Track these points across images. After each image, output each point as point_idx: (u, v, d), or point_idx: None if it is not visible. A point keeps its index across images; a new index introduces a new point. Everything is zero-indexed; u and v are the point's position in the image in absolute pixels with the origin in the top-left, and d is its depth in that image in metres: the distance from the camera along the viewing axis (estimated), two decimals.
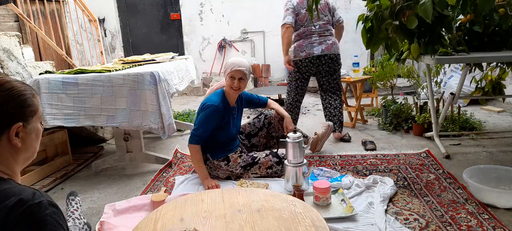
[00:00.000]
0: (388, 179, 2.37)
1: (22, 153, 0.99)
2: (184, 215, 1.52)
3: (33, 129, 1.00)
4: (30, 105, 0.98)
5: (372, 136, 3.47)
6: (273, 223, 1.44)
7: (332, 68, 3.34)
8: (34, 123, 1.00)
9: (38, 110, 1.01)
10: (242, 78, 2.47)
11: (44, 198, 0.88)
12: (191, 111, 4.65)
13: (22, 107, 0.96)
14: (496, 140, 3.17)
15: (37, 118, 1.01)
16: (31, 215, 0.84)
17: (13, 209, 0.83)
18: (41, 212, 0.86)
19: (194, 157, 2.49)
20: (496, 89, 3.21)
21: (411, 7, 2.30)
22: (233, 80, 2.47)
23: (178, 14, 6.54)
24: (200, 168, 2.48)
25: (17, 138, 0.95)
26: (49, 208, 0.87)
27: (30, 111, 0.98)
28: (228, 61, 2.52)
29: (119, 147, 2.89)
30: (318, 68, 3.31)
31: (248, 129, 2.81)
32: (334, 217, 1.95)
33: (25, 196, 0.86)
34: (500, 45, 2.83)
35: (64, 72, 2.73)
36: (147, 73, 2.49)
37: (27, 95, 0.97)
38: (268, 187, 2.38)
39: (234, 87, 2.49)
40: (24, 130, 0.96)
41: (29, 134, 0.99)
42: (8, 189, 0.89)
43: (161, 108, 2.50)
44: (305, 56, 3.24)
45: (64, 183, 2.76)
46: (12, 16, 3.87)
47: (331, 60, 3.28)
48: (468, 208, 2.03)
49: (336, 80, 3.41)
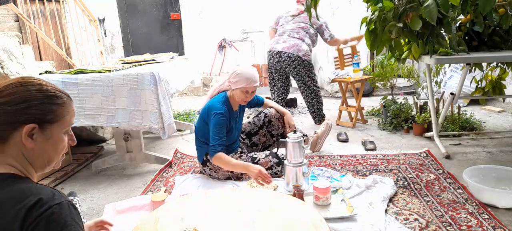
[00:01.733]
0: (388, 179, 2.37)
1: (37, 158, 0.96)
2: (184, 215, 1.52)
3: (52, 135, 0.96)
4: (53, 111, 0.95)
5: (372, 136, 3.47)
6: (273, 223, 1.44)
7: (296, 70, 3.74)
8: (55, 130, 0.96)
9: (63, 119, 0.98)
10: (253, 91, 2.48)
11: (64, 198, 0.88)
12: (191, 111, 4.65)
13: (44, 110, 0.94)
14: (496, 140, 3.17)
15: (60, 126, 0.98)
16: (52, 216, 0.83)
17: (32, 209, 0.82)
18: (62, 213, 0.85)
19: (226, 163, 2.34)
20: (496, 89, 3.21)
21: (414, 9, 2.30)
22: (245, 94, 2.45)
23: (178, 14, 6.54)
24: (238, 165, 2.36)
25: (29, 139, 0.93)
26: (69, 208, 0.87)
27: (53, 117, 0.95)
28: (242, 73, 2.42)
29: (119, 147, 2.89)
30: (280, 65, 3.78)
31: (248, 128, 2.81)
32: (335, 217, 1.95)
33: (45, 195, 0.85)
34: (500, 45, 2.84)
35: (64, 73, 2.73)
36: (147, 73, 2.49)
37: (53, 101, 0.96)
38: (277, 188, 2.37)
39: (245, 101, 2.50)
40: (40, 133, 0.94)
41: (46, 139, 0.95)
42: (26, 187, 0.88)
43: (161, 108, 2.50)
44: (269, 50, 3.85)
45: (64, 183, 2.76)
46: (12, 16, 3.87)
47: (290, 59, 3.69)
48: (468, 208, 2.03)
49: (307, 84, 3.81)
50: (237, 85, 2.44)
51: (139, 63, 3.16)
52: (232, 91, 2.49)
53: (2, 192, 0.86)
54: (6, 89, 0.92)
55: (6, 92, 0.92)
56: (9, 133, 0.92)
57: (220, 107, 2.40)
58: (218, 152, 2.33)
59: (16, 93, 0.92)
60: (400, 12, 2.36)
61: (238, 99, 2.49)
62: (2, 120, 0.91)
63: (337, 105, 4.28)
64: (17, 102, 0.91)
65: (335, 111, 4.21)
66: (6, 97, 0.91)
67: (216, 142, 2.34)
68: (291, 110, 4.71)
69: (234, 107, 2.55)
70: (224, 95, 2.52)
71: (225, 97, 2.51)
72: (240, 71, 2.43)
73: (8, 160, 0.93)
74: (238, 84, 2.43)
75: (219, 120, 2.37)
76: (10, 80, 0.95)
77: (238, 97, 2.48)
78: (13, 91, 0.92)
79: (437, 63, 2.74)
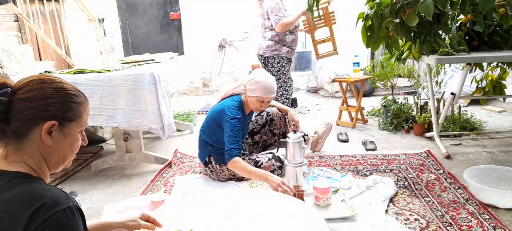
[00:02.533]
0: (388, 179, 2.37)
1: (53, 155, 0.97)
2: (184, 215, 1.51)
3: (70, 133, 0.98)
4: (73, 110, 0.97)
5: (372, 136, 3.47)
6: (273, 223, 1.43)
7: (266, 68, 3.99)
8: (73, 128, 0.98)
9: (81, 118, 1.00)
10: (269, 102, 2.47)
11: (72, 202, 0.87)
12: (190, 111, 4.64)
13: (64, 108, 0.95)
14: (497, 140, 3.17)
15: (78, 125, 1.00)
16: (59, 221, 0.83)
17: (38, 213, 0.82)
18: (69, 218, 0.85)
19: (243, 169, 2.24)
20: (497, 89, 3.21)
21: (411, 5, 2.30)
22: (261, 104, 2.42)
23: (178, 13, 6.53)
24: (255, 173, 2.22)
25: (48, 136, 0.94)
26: (76, 213, 0.87)
27: (71, 116, 0.97)
28: (261, 82, 2.37)
29: (118, 147, 2.88)
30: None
31: (250, 126, 2.80)
32: (335, 217, 1.94)
33: (54, 198, 0.85)
34: (500, 45, 2.83)
35: (64, 72, 2.72)
36: (146, 73, 2.49)
37: (73, 99, 0.97)
38: None
39: (259, 110, 2.50)
40: (59, 130, 0.95)
41: (64, 137, 0.97)
42: (36, 188, 0.88)
43: (160, 108, 2.50)
44: None
45: (63, 183, 2.76)
46: (11, 16, 3.86)
47: (261, 58, 4.04)
48: (469, 208, 2.02)
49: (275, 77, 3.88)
50: (254, 93, 2.40)
51: (139, 63, 3.15)
52: (247, 97, 2.45)
53: (11, 191, 0.86)
54: (28, 85, 0.93)
55: (27, 88, 0.92)
56: (28, 129, 0.92)
57: (236, 113, 2.37)
58: (235, 156, 2.27)
59: (38, 90, 0.93)
60: (397, 8, 2.35)
61: (253, 107, 2.47)
62: (22, 116, 0.91)
63: (337, 105, 4.27)
64: (39, 99, 0.92)
65: (335, 111, 4.20)
66: (27, 93, 0.92)
67: (232, 145, 2.29)
68: None
69: (246, 112, 2.53)
70: (239, 100, 2.48)
71: (239, 101, 2.47)
72: (259, 80, 2.38)
73: (23, 157, 0.93)
74: (255, 92, 2.39)
75: (236, 125, 2.32)
76: (31, 77, 0.96)
77: (253, 105, 2.45)
78: (35, 88, 0.93)
79: (438, 63, 2.74)
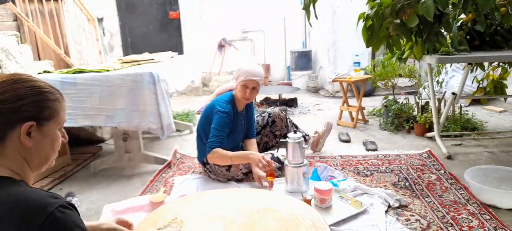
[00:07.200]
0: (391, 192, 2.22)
1: (34, 156, 0.95)
2: (183, 215, 1.50)
3: (49, 133, 0.96)
4: (49, 108, 0.95)
5: (373, 136, 3.45)
6: (273, 224, 1.42)
7: None
8: (51, 127, 0.96)
9: (58, 115, 0.97)
10: (255, 88, 2.36)
11: (60, 200, 0.86)
12: (190, 111, 4.63)
13: (40, 107, 0.93)
14: (498, 140, 3.15)
15: (56, 123, 0.97)
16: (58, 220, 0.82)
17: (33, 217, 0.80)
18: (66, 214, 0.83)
19: (224, 157, 2.22)
20: (498, 89, 3.20)
21: (412, 5, 2.29)
22: (245, 89, 2.34)
23: (177, 13, 6.51)
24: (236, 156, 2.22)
25: (28, 138, 0.91)
26: (65, 211, 0.84)
27: (48, 114, 0.95)
28: (243, 68, 2.35)
29: (117, 147, 2.87)
30: None
31: None
32: (344, 217, 1.90)
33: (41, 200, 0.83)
34: (502, 45, 2.82)
35: (63, 72, 2.71)
36: (146, 73, 2.47)
37: (48, 97, 0.95)
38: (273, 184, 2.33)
39: (245, 97, 2.38)
40: (37, 130, 0.93)
41: (43, 137, 0.95)
42: (21, 193, 0.85)
43: (160, 108, 2.48)
44: None
45: (62, 184, 2.74)
46: (10, 15, 3.85)
47: None
48: (470, 208, 2.01)
49: None
50: (238, 80, 2.37)
51: (138, 62, 3.14)
52: (236, 89, 2.43)
53: None
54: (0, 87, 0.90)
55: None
56: (5, 132, 0.90)
57: (224, 106, 2.34)
58: (218, 147, 2.23)
59: (10, 91, 0.90)
60: (397, 8, 2.35)
61: (239, 96, 2.39)
62: None
63: (338, 105, 4.26)
64: (13, 101, 0.89)
65: (336, 111, 4.19)
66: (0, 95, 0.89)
67: (213, 138, 2.25)
68: (291, 111, 4.68)
69: (239, 107, 2.48)
70: (230, 95, 2.46)
71: (230, 96, 2.45)
72: (242, 65, 2.37)
73: (4, 161, 0.91)
74: (239, 78, 2.36)
75: (222, 118, 2.29)
76: (2, 78, 0.92)
77: (239, 94, 2.38)
78: (7, 89, 0.90)
79: (439, 62, 2.73)
